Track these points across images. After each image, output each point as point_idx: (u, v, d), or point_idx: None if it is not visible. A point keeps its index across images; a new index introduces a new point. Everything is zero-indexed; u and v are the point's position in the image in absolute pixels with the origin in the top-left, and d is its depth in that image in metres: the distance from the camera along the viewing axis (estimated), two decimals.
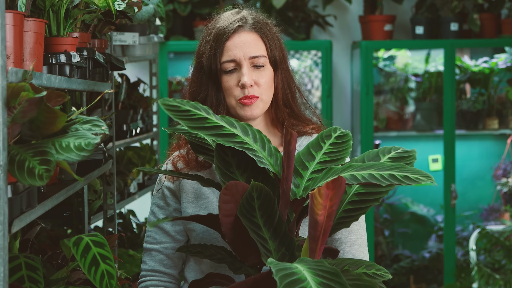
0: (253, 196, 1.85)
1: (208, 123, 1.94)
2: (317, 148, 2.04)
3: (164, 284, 2.29)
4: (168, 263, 2.29)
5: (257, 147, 1.95)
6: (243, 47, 2.23)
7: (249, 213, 1.85)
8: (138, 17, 3.71)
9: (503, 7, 5.74)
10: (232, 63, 2.24)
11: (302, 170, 1.99)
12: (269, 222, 1.86)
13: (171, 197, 2.30)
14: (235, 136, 1.94)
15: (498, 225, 5.68)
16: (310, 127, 2.34)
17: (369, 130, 5.56)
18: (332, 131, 2.08)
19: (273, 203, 1.87)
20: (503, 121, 5.85)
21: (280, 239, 1.87)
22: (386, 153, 2.05)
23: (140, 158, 4.27)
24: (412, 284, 5.75)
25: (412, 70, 5.93)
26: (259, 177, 1.97)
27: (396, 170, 1.86)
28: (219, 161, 1.97)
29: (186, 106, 1.97)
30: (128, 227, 4.24)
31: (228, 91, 2.24)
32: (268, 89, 2.26)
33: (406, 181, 1.82)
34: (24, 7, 1.98)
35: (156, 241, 2.29)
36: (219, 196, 1.87)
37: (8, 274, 1.63)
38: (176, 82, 5.74)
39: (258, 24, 2.27)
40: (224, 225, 1.88)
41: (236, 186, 1.86)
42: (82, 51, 2.47)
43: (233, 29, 2.24)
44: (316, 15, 5.78)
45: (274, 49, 2.27)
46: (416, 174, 1.84)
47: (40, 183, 1.62)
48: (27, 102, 1.63)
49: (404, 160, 2.02)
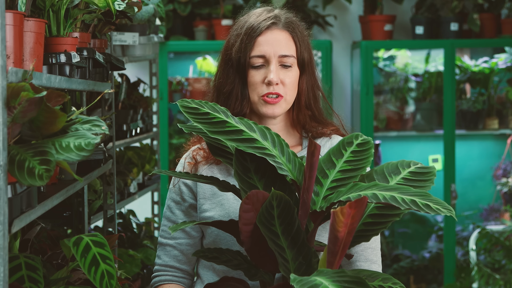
0: (272, 205, 1.85)
1: (227, 127, 1.93)
2: (338, 155, 2.02)
3: (177, 279, 2.30)
4: (182, 259, 2.30)
5: (276, 152, 1.94)
6: (274, 44, 2.24)
7: (268, 222, 1.84)
8: (138, 17, 3.71)
9: (503, 7, 5.74)
10: (261, 59, 2.24)
11: (322, 178, 1.98)
12: (287, 231, 1.85)
13: (187, 192, 2.30)
14: (255, 141, 1.93)
15: (498, 225, 5.68)
16: (330, 129, 2.34)
17: (369, 130, 5.56)
18: (354, 138, 2.05)
19: (292, 212, 1.86)
20: (503, 121, 5.85)
21: (298, 248, 1.86)
22: (406, 166, 2.04)
23: (140, 158, 4.27)
24: (412, 284, 5.75)
25: (412, 70, 5.93)
26: (277, 182, 1.96)
27: (419, 197, 1.83)
28: (238, 166, 1.96)
29: (205, 108, 1.96)
30: (128, 227, 4.24)
31: (253, 86, 2.24)
32: (292, 89, 2.26)
33: (425, 209, 1.79)
34: (24, 7, 1.97)
35: (170, 236, 2.30)
36: (240, 205, 1.86)
37: (8, 274, 1.63)
38: (176, 82, 5.74)
39: (291, 24, 2.27)
40: (243, 233, 1.88)
41: (257, 195, 1.86)
42: (82, 51, 2.47)
43: (266, 25, 2.25)
44: (316, 15, 5.78)
45: (304, 51, 2.27)
46: (438, 205, 1.81)
47: (40, 183, 1.62)
48: (27, 102, 1.63)
49: (424, 176, 2.01)
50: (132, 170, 4.11)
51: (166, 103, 5.48)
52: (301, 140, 2.34)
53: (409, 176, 2.01)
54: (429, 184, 2.00)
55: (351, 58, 5.97)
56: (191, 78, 5.83)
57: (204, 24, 5.72)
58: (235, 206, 2.22)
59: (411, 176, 2.01)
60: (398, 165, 2.04)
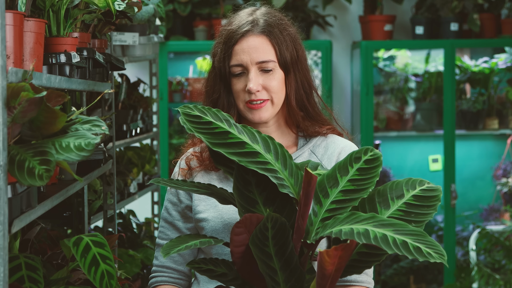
0: (267, 226, 1.81)
1: (230, 139, 1.90)
2: (343, 172, 1.94)
3: (174, 280, 2.31)
4: (179, 259, 2.30)
5: (279, 166, 1.90)
6: (250, 52, 2.22)
7: (262, 243, 1.81)
8: (138, 17, 3.71)
9: (503, 7, 5.74)
10: (239, 67, 2.23)
11: (323, 197, 1.91)
12: (281, 252, 1.82)
13: (183, 193, 2.30)
14: (258, 154, 1.89)
15: (498, 225, 5.68)
16: (325, 127, 2.31)
17: (369, 130, 5.56)
18: (363, 153, 1.96)
19: (288, 233, 1.83)
20: (503, 121, 5.85)
21: (290, 271, 1.84)
22: (411, 188, 1.97)
23: (140, 158, 4.27)
24: (412, 284, 5.75)
25: (412, 70, 5.93)
26: (278, 197, 1.92)
27: (413, 238, 1.74)
28: (238, 180, 1.92)
29: (208, 116, 1.92)
30: (128, 227, 4.24)
31: (236, 94, 2.24)
32: (278, 92, 2.24)
33: (415, 254, 1.71)
34: (24, 7, 1.97)
35: (168, 237, 2.31)
36: (232, 228, 1.83)
37: (8, 274, 1.63)
38: (176, 82, 5.74)
39: (269, 27, 2.24)
40: (234, 254, 1.86)
41: (251, 218, 1.82)
42: (82, 51, 2.47)
43: (241, 33, 2.23)
44: (316, 15, 5.78)
45: (285, 51, 2.24)
46: (430, 249, 1.72)
47: (40, 183, 1.62)
48: (27, 102, 1.63)
49: (428, 201, 1.94)
50: (132, 170, 4.11)
51: (166, 103, 5.49)
52: (297, 139, 2.33)
53: (412, 200, 1.95)
54: (432, 211, 1.93)
55: (351, 58, 5.97)
56: (191, 78, 5.83)
57: (204, 24, 5.73)
58: (228, 208, 2.21)
59: (414, 200, 1.94)
60: (404, 186, 1.97)
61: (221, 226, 2.21)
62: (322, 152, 2.30)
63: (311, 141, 2.31)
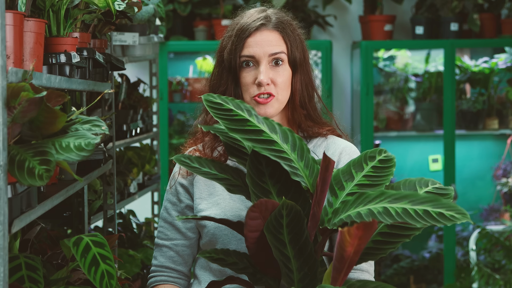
0: (282, 214, 1.83)
1: (248, 126, 1.92)
2: (358, 168, 1.99)
3: (173, 280, 2.31)
4: (178, 260, 2.31)
5: (294, 157, 1.92)
6: (264, 45, 2.25)
7: (276, 230, 1.83)
8: (138, 17, 3.71)
9: (503, 7, 5.74)
10: (251, 60, 2.25)
11: (339, 189, 1.95)
12: (295, 240, 1.84)
13: (183, 193, 2.31)
14: (273, 143, 1.91)
15: (498, 225, 5.68)
16: (325, 129, 2.33)
17: (369, 130, 5.56)
18: (377, 153, 2.02)
19: (302, 222, 1.84)
20: (503, 121, 5.85)
21: (304, 259, 1.85)
22: (423, 185, 1.99)
23: (140, 158, 4.27)
24: (412, 284, 5.75)
25: (412, 70, 5.93)
26: (292, 189, 1.94)
27: (431, 205, 1.75)
28: (252, 169, 1.93)
29: (230, 105, 1.96)
30: (128, 227, 4.24)
31: (245, 87, 2.25)
32: (284, 89, 2.26)
33: (441, 220, 1.72)
34: (24, 7, 1.98)
35: (167, 237, 2.31)
36: (247, 212, 1.84)
37: (8, 274, 1.63)
38: (176, 82, 5.74)
39: (282, 24, 2.28)
40: (248, 239, 1.87)
41: (266, 204, 1.83)
42: (82, 51, 2.47)
43: (255, 27, 2.26)
44: (316, 15, 5.78)
45: (295, 50, 2.28)
46: (451, 211, 1.73)
47: (40, 183, 1.62)
48: (27, 102, 1.63)
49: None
50: (132, 170, 4.11)
51: (166, 103, 5.48)
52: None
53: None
54: None
55: (351, 58, 5.97)
56: (191, 78, 5.83)
57: (204, 24, 5.72)
58: (231, 205, 2.22)
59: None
60: (416, 183, 2.00)
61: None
62: (322, 152, 2.30)
63: (312, 142, 2.33)
